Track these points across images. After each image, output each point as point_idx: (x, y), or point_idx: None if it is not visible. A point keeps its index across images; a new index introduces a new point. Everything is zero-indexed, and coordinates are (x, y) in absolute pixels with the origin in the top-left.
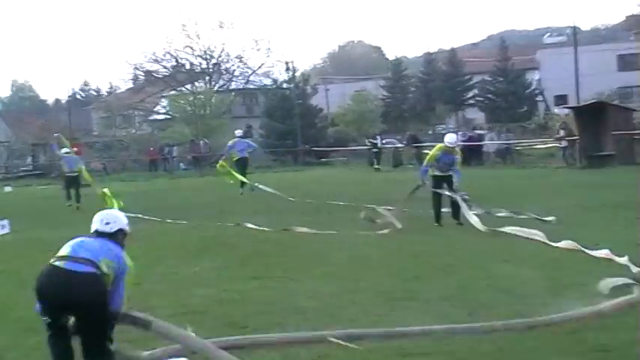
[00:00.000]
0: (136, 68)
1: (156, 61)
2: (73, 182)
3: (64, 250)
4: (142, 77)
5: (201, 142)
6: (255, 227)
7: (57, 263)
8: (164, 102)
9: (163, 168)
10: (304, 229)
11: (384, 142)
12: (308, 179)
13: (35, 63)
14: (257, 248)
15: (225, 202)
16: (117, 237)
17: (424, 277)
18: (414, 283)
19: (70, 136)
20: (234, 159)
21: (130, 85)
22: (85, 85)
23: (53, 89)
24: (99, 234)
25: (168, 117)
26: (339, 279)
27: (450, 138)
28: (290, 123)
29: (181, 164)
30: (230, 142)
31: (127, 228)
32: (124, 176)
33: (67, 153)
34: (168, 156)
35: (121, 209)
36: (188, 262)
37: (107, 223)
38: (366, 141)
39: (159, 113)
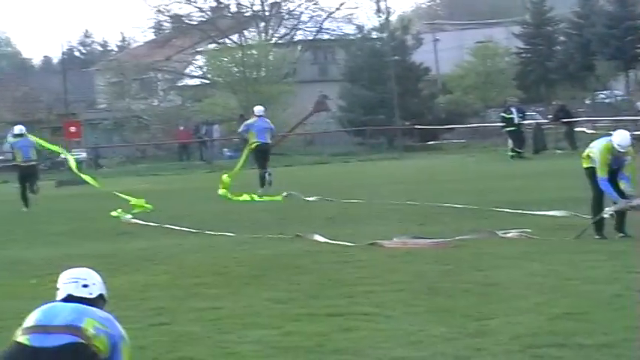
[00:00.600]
0: (159, 12)
1: (188, 1)
2: (29, 175)
3: (31, 319)
4: (168, 25)
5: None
6: (330, 241)
7: (22, 339)
8: (199, 60)
9: (199, 156)
10: (398, 244)
11: (521, 115)
12: (408, 171)
13: (15, 6)
14: (334, 272)
15: (287, 207)
16: (98, 305)
17: (579, 313)
18: (565, 323)
19: (65, 110)
20: (252, 145)
21: (151, 36)
22: (87, 36)
23: (40, 44)
24: (72, 300)
25: (206, 82)
26: (455, 316)
27: (622, 139)
28: (382, 90)
29: (225, 150)
30: (248, 121)
31: (106, 293)
32: (142, 168)
33: (18, 136)
34: (206, 138)
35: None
36: (235, 293)
37: (85, 286)
38: (500, 114)
39: (192, 77)
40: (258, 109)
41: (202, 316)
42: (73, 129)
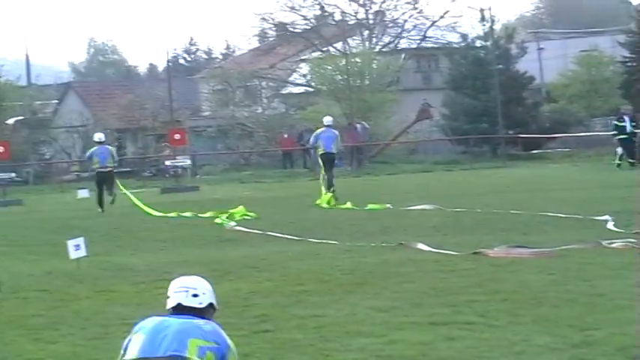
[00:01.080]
0: (264, 19)
1: (293, 9)
2: (104, 180)
3: (134, 349)
4: (273, 33)
5: (358, 125)
6: (434, 250)
7: None
8: (303, 68)
9: (303, 163)
10: (502, 253)
11: (634, 124)
12: (511, 180)
13: (121, 15)
14: (438, 281)
15: (390, 215)
16: (206, 314)
17: None
18: None
19: (170, 117)
20: (320, 153)
21: (255, 44)
22: (192, 44)
23: (146, 52)
24: (182, 310)
25: (310, 90)
26: (560, 326)
27: None
28: (486, 98)
29: None
30: (317, 131)
31: (215, 301)
32: (246, 176)
33: (98, 143)
34: (310, 146)
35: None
36: (339, 301)
37: (195, 296)
38: (612, 122)
39: (296, 84)
40: (327, 119)
41: (305, 324)
42: (177, 136)
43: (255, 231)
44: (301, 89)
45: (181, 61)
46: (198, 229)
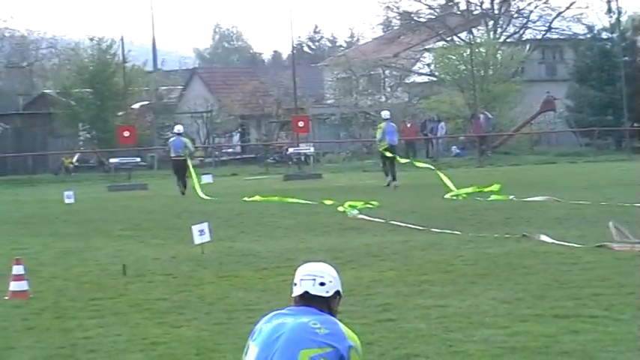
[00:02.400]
0: (389, 8)
1: None
2: (178, 168)
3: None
4: (397, 22)
5: (481, 115)
6: (557, 242)
7: None
8: (427, 58)
9: (425, 153)
10: (627, 247)
11: None
12: (636, 173)
13: (246, 2)
14: (561, 273)
15: (513, 206)
16: (332, 302)
17: None
18: None
19: (294, 105)
20: (382, 147)
21: (379, 32)
22: (316, 32)
23: (270, 39)
24: (308, 299)
25: (433, 79)
26: None
27: None
28: (611, 90)
29: (454, 147)
30: (380, 125)
31: (341, 288)
32: (368, 164)
33: (177, 134)
34: (432, 135)
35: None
36: (462, 291)
37: (322, 284)
38: None
39: (420, 74)
40: (385, 113)
41: (428, 314)
42: (301, 124)
43: (378, 220)
44: (425, 78)
45: (305, 48)
46: (320, 217)
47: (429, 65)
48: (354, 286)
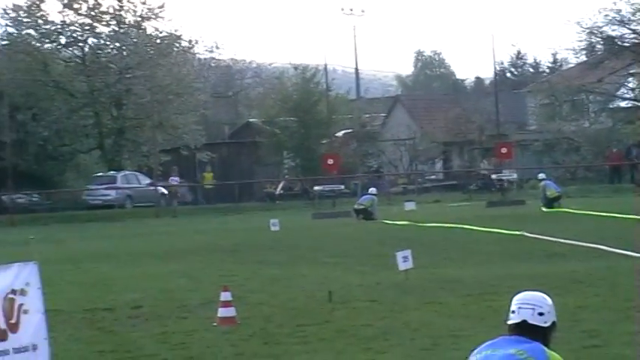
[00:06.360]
0: (592, 33)
1: (621, 22)
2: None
3: None
4: (600, 46)
5: None
6: None
7: None
8: (631, 82)
9: (630, 178)
10: None
11: None
12: None
13: (448, 28)
14: None
15: None
16: (549, 334)
17: None
18: None
19: (497, 131)
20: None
21: (583, 57)
22: (519, 58)
23: (472, 65)
24: (524, 328)
25: (638, 104)
26: None
27: None
28: None
29: None
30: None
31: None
32: (572, 190)
33: None
34: (637, 161)
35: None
36: None
37: (541, 314)
38: None
39: (624, 99)
40: (542, 176)
41: (634, 340)
42: (504, 150)
43: (581, 244)
44: (629, 103)
45: (508, 74)
46: (524, 243)
47: (633, 90)
48: (560, 313)
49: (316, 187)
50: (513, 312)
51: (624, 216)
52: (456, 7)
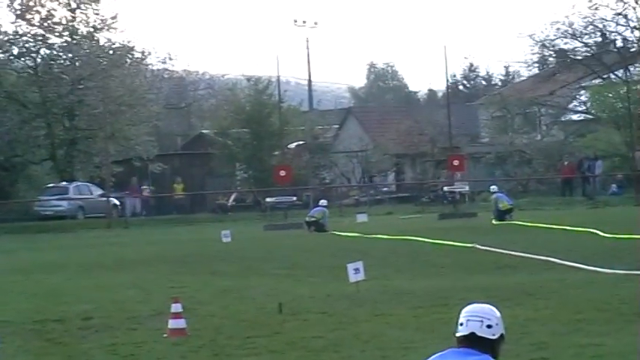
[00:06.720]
0: (544, 46)
1: (573, 35)
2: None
3: None
4: (553, 59)
5: (638, 153)
6: None
7: None
8: (583, 95)
9: (581, 191)
10: None
11: None
12: None
13: (401, 41)
14: None
15: None
16: (497, 346)
17: None
18: None
19: (449, 143)
20: None
21: (535, 70)
22: (472, 70)
23: (425, 77)
24: (473, 340)
25: (590, 117)
26: None
27: None
28: None
29: (613, 186)
30: None
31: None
32: (524, 202)
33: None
34: (589, 174)
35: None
36: (618, 330)
37: (489, 327)
38: None
39: (576, 112)
40: None
41: (583, 352)
42: (456, 162)
43: (532, 256)
44: (581, 116)
45: (461, 87)
46: (474, 255)
47: (585, 103)
48: (509, 325)
49: (268, 199)
50: (462, 324)
51: (575, 229)
52: (409, 20)
